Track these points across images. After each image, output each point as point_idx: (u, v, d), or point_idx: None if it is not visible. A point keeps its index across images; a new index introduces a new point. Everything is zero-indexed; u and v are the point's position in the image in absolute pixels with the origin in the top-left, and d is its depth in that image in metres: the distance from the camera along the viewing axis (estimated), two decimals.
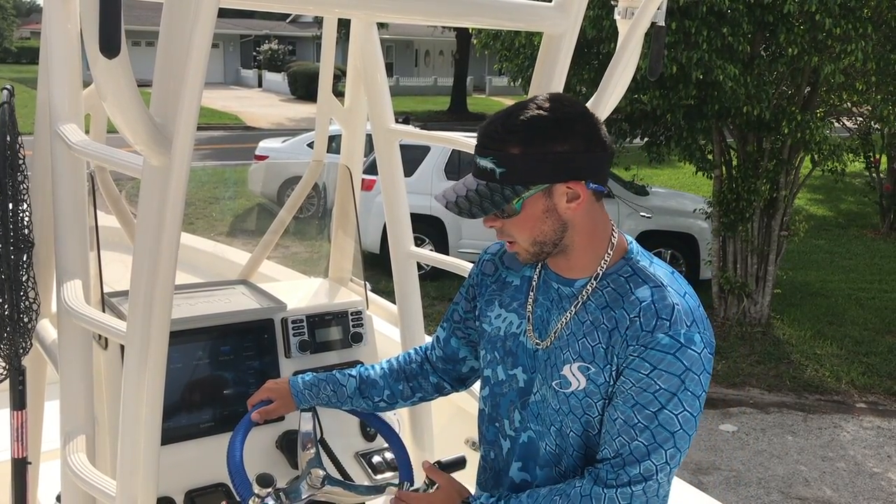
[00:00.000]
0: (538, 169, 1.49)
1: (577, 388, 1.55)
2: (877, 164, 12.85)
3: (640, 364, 1.47)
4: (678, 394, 1.46)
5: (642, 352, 1.47)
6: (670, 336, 1.47)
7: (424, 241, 9.48)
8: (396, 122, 2.76)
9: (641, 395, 1.47)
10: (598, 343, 1.54)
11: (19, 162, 2.00)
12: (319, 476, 1.84)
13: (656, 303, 1.50)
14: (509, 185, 1.50)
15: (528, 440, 1.65)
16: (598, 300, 1.57)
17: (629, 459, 1.48)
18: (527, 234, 1.55)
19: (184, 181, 1.50)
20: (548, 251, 1.57)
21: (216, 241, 4.94)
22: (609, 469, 1.50)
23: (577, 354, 1.56)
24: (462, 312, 1.86)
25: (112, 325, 1.75)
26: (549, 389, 1.60)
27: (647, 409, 1.47)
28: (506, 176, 1.50)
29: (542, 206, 1.52)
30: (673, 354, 1.46)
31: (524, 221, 1.54)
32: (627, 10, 2.18)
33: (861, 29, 6.54)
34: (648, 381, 1.47)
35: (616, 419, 1.50)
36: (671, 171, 17.26)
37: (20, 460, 2.10)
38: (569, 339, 1.58)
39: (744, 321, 8.18)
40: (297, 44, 44.18)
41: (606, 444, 1.52)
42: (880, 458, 5.87)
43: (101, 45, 1.27)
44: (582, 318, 1.57)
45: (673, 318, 1.48)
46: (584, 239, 1.57)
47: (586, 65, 7.56)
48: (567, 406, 1.57)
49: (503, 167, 1.49)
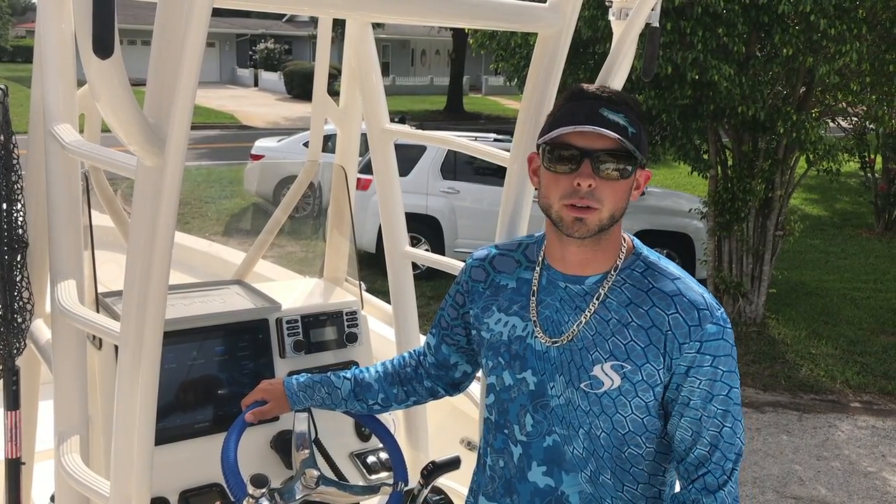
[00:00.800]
0: (646, 145, 1.58)
1: (611, 388, 1.56)
2: (872, 164, 12.89)
3: (703, 359, 1.53)
4: (735, 370, 1.56)
5: (700, 347, 1.53)
6: (714, 323, 1.54)
7: (420, 241, 9.47)
8: (392, 121, 2.76)
9: (714, 386, 1.54)
10: (632, 341, 1.55)
11: (13, 162, 1.99)
12: (314, 476, 1.84)
13: (686, 294, 1.56)
14: (637, 147, 1.53)
15: (553, 444, 1.63)
16: (619, 297, 1.58)
17: (725, 448, 1.55)
18: (615, 202, 1.54)
19: (177, 181, 1.50)
20: (608, 228, 1.56)
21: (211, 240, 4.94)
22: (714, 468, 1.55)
23: (608, 353, 1.56)
24: (449, 319, 1.85)
25: (106, 326, 1.75)
26: (576, 392, 1.59)
27: (721, 395, 1.54)
28: (635, 138, 1.53)
29: (632, 181, 1.57)
30: (722, 338, 1.55)
31: (623, 188, 1.55)
32: (622, 10, 2.18)
33: (856, 29, 6.56)
34: (714, 371, 1.54)
35: (700, 418, 1.55)
36: (667, 171, 17.29)
37: (14, 460, 2.10)
38: (595, 339, 1.57)
39: (739, 321, 8.19)
40: (293, 43, 44.12)
41: (698, 445, 1.56)
42: (875, 457, 5.88)
43: (95, 45, 1.27)
44: (605, 317, 1.58)
45: (708, 306, 1.55)
46: (617, 231, 1.62)
47: (582, 65, 7.57)
48: (599, 407, 1.57)
49: (634, 129, 1.53)
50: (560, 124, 1.53)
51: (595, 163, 1.50)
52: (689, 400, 1.55)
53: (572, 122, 1.51)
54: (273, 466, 2.42)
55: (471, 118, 28.92)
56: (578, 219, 1.53)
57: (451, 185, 9.53)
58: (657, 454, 1.63)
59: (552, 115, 1.61)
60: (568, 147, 1.52)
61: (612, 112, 1.51)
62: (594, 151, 1.50)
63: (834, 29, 6.47)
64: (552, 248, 1.66)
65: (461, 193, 9.51)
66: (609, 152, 1.50)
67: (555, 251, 1.65)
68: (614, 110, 1.51)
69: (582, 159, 1.51)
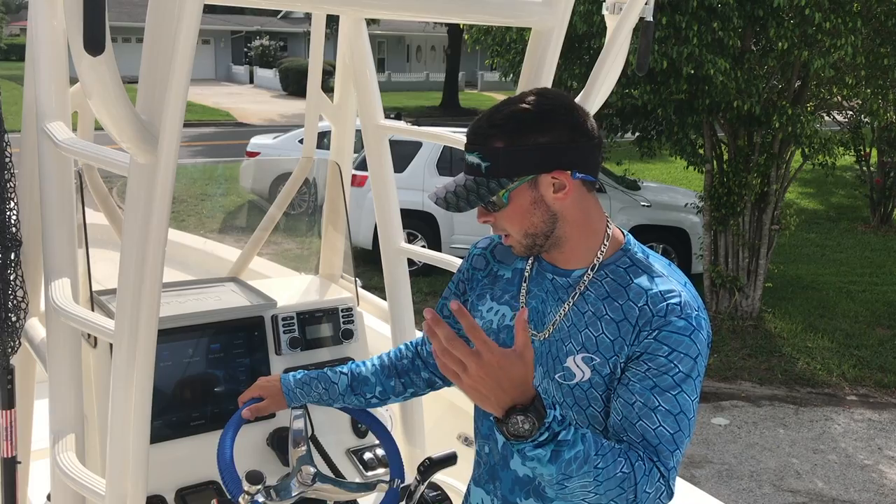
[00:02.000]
0: (522, 161, 1.51)
1: (582, 380, 1.55)
2: (867, 158, 12.91)
3: (658, 347, 1.47)
4: (693, 377, 1.47)
5: (658, 335, 1.47)
6: (684, 319, 1.48)
7: (417, 237, 9.47)
8: (387, 118, 2.76)
9: (661, 378, 1.46)
10: (603, 334, 1.54)
11: (6, 160, 1.99)
12: (310, 473, 1.84)
13: (663, 291, 1.52)
14: (495, 179, 1.52)
15: None
16: (598, 290, 1.57)
17: (662, 450, 1.45)
18: (518, 226, 1.56)
19: (170, 179, 1.49)
20: (541, 243, 1.57)
21: (206, 237, 4.93)
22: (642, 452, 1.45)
23: (580, 345, 1.55)
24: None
25: (100, 324, 1.74)
26: (551, 382, 1.59)
27: (668, 392, 1.45)
28: (491, 169, 1.52)
29: (529, 198, 1.54)
30: (689, 337, 1.47)
31: (514, 214, 1.55)
32: (616, 5, 2.18)
33: (850, 23, 6.56)
34: (668, 364, 1.46)
35: (634, 402, 1.47)
36: (662, 166, 17.29)
37: (9, 459, 2.10)
38: (570, 331, 1.57)
39: (735, 315, 8.20)
40: (288, 40, 44.06)
41: (628, 429, 1.47)
42: (871, 450, 5.90)
43: (86, 42, 1.26)
44: (582, 309, 1.57)
45: (682, 304, 1.49)
46: (577, 230, 1.58)
47: (577, 60, 7.56)
48: (571, 398, 1.57)
49: (488, 161, 1.52)
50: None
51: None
52: (629, 381, 1.48)
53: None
54: (269, 463, 2.42)
55: (467, 114, 28.89)
56: (508, 244, 1.62)
57: (447, 181, 9.52)
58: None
59: None
60: None
61: (470, 153, 1.56)
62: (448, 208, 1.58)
63: (829, 23, 6.47)
64: None
65: None
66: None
67: None
68: (470, 150, 1.56)
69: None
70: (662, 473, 1.44)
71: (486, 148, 1.53)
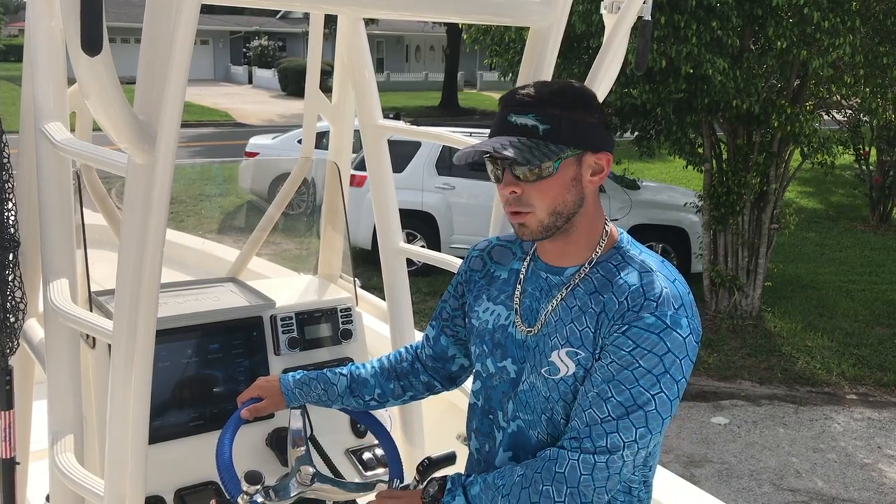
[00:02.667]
0: (579, 134, 1.52)
1: (566, 374, 1.55)
2: (866, 157, 12.91)
3: (624, 341, 1.47)
4: (657, 374, 1.46)
5: (626, 329, 1.48)
6: (656, 316, 1.47)
7: (416, 237, 9.47)
8: (386, 117, 2.76)
9: (621, 373, 1.47)
10: (586, 327, 1.54)
11: (4, 161, 1.98)
12: (309, 473, 1.84)
13: (644, 286, 1.51)
14: (554, 143, 1.50)
15: (518, 429, 1.65)
16: (587, 286, 1.58)
17: (597, 431, 1.47)
18: (549, 201, 1.53)
19: (168, 179, 1.49)
20: (559, 225, 1.55)
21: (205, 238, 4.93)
22: (576, 436, 1.49)
23: (564, 340, 1.55)
24: (450, 310, 1.87)
25: (98, 325, 1.74)
26: (538, 377, 1.59)
27: (623, 384, 1.47)
28: (549, 133, 1.50)
29: (571, 173, 1.53)
30: (657, 334, 1.47)
31: (551, 186, 1.53)
32: (614, 4, 2.18)
33: (849, 22, 6.56)
34: (629, 359, 1.47)
35: (589, 392, 1.50)
36: (662, 165, 17.29)
37: (8, 460, 2.09)
38: (557, 325, 1.58)
39: (735, 314, 8.20)
40: (287, 40, 44.04)
41: (576, 416, 1.51)
42: (871, 449, 5.90)
43: (83, 42, 1.26)
44: (570, 304, 1.58)
45: (660, 300, 1.49)
46: (587, 222, 1.59)
47: (576, 59, 7.56)
48: (557, 393, 1.57)
49: (547, 124, 1.51)
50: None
51: (512, 169, 1.52)
52: (593, 372, 1.51)
53: (490, 135, 1.56)
54: (268, 463, 2.42)
55: (466, 114, 28.91)
56: (520, 224, 1.57)
57: (446, 181, 9.52)
58: None
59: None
60: (491, 158, 1.56)
61: (520, 115, 1.52)
62: (507, 159, 1.52)
63: (827, 22, 6.47)
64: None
65: (457, 189, 9.51)
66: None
67: (539, 243, 1.67)
68: (521, 112, 1.52)
69: (503, 168, 1.54)
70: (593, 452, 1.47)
71: (545, 112, 1.51)
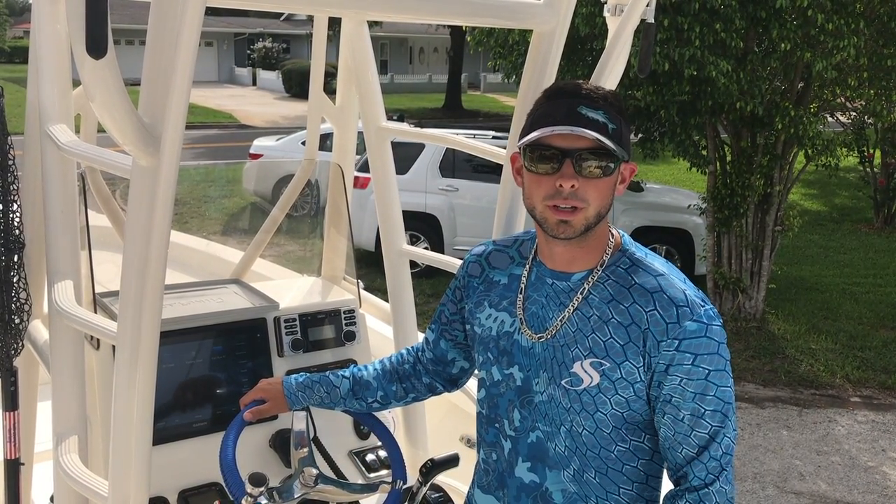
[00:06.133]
0: (628, 140, 1.57)
1: (590, 385, 1.55)
2: (870, 159, 12.89)
3: (683, 357, 1.50)
4: (723, 368, 1.52)
5: (678, 344, 1.50)
6: (695, 320, 1.51)
7: (419, 239, 9.47)
8: (389, 119, 2.76)
9: (698, 385, 1.51)
10: (611, 338, 1.54)
11: (9, 163, 1.99)
12: (312, 475, 1.84)
13: (666, 291, 1.53)
14: (617, 144, 1.51)
15: (537, 440, 1.63)
16: (602, 294, 1.57)
17: (713, 448, 1.52)
18: (601, 200, 1.54)
19: (172, 181, 1.50)
20: (593, 227, 1.55)
21: (209, 239, 4.94)
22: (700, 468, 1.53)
23: (587, 350, 1.55)
24: (448, 314, 1.87)
25: (102, 326, 1.75)
26: (557, 388, 1.59)
27: (706, 394, 1.51)
28: (615, 134, 1.51)
29: (615, 178, 1.56)
30: (705, 336, 1.51)
31: (607, 186, 1.54)
32: (617, 7, 2.19)
33: (853, 24, 6.55)
34: (696, 370, 1.50)
35: (682, 418, 1.52)
36: (665, 167, 17.29)
37: (13, 461, 2.10)
38: (576, 336, 1.57)
39: (738, 316, 8.19)
40: (291, 42, 44.09)
41: (684, 444, 1.53)
42: (875, 451, 5.89)
43: (88, 46, 1.27)
44: (587, 314, 1.57)
45: (689, 303, 1.52)
46: (603, 228, 1.60)
47: (579, 62, 7.56)
48: (579, 404, 1.57)
49: (614, 125, 1.52)
50: (539, 124, 1.52)
51: (577, 162, 1.50)
52: (670, 397, 1.52)
53: (551, 122, 1.50)
54: (272, 465, 2.42)
55: (469, 116, 28.90)
56: (563, 221, 1.52)
57: (449, 182, 9.52)
58: (653, 452, 1.62)
59: (531, 115, 1.59)
60: (548, 148, 1.51)
61: (591, 109, 1.50)
62: (575, 151, 1.49)
63: (831, 24, 6.46)
64: (541, 246, 1.67)
65: (460, 191, 9.51)
66: (590, 151, 1.49)
67: (543, 248, 1.66)
68: (593, 107, 1.50)
69: (563, 159, 1.50)
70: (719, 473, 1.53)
71: (611, 113, 1.52)
